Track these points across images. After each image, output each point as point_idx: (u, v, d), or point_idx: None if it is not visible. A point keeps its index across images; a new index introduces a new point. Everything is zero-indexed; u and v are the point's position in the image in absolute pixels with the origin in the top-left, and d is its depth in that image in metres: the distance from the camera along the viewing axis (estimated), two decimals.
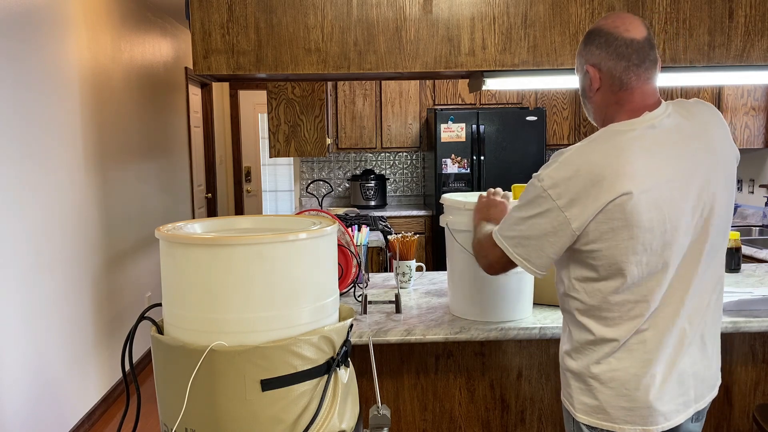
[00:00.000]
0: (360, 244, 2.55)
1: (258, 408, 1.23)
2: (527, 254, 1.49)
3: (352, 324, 1.39)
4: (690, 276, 1.48)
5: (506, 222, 1.55)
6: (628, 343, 1.47)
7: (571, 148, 1.45)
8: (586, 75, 1.51)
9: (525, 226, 1.48)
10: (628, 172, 1.38)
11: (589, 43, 1.49)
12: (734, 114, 4.45)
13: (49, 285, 3.21)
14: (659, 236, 1.41)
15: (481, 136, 5.05)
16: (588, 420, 1.52)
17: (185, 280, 1.26)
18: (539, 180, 1.45)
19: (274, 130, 4.65)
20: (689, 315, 1.50)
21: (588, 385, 1.51)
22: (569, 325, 1.57)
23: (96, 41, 3.86)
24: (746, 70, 2.22)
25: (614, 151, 1.40)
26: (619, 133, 1.44)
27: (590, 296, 1.48)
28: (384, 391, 2.18)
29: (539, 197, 1.45)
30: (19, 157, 2.97)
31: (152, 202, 4.89)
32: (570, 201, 1.40)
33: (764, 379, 2.25)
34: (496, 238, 1.55)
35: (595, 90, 1.50)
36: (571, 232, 1.42)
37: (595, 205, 1.39)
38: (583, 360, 1.51)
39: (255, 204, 8.10)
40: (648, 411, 1.48)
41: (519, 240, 1.50)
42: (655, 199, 1.39)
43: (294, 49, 2.11)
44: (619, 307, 1.45)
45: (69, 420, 3.40)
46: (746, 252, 3.58)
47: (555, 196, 1.42)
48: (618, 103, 1.48)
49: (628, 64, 1.44)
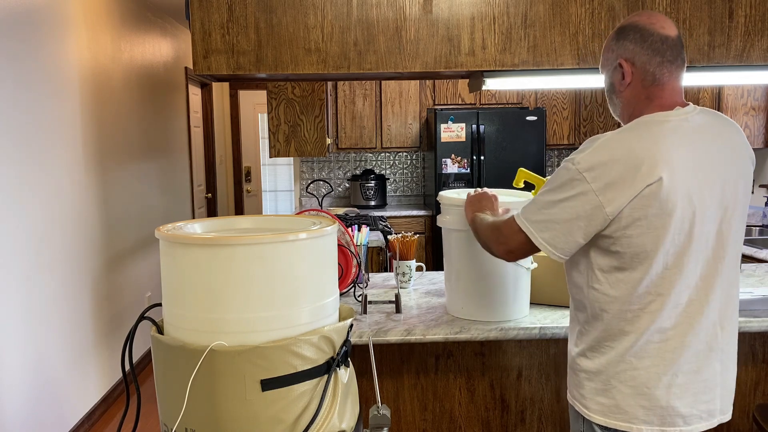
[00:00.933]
0: (360, 244, 2.55)
1: (258, 408, 1.23)
2: (553, 238, 1.47)
3: (352, 324, 1.39)
4: (714, 274, 1.48)
5: (532, 206, 1.52)
6: (649, 341, 1.46)
7: (608, 134, 1.46)
8: (617, 69, 1.52)
9: (556, 209, 1.46)
10: (664, 159, 1.39)
11: (623, 38, 1.49)
12: (734, 114, 4.45)
13: (49, 285, 3.21)
14: (687, 228, 1.42)
15: (481, 136, 5.05)
16: (604, 421, 1.50)
17: (185, 280, 1.26)
18: (574, 163, 1.44)
19: (274, 130, 4.65)
20: (720, 317, 1.49)
21: (606, 385, 1.49)
22: (583, 324, 1.55)
23: (96, 41, 3.86)
24: (746, 70, 2.22)
25: (651, 138, 1.42)
26: (655, 122, 1.45)
27: (613, 287, 1.47)
28: (384, 391, 2.18)
29: (574, 180, 1.43)
30: (19, 157, 2.97)
31: (152, 202, 4.89)
32: (606, 185, 1.40)
33: (764, 379, 2.25)
34: (521, 223, 1.52)
35: (627, 85, 1.51)
36: (604, 216, 1.42)
37: (631, 191, 1.39)
38: (601, 359, 1.50)
39: (255, 204, 8.10)
40: (667, 411, 1.46)
41: (547, 224, 1.48)
42: (688, 190, 1.41)
43: (294, 49, 2.11)
44: (640, 299, 1.45)
45: (69, 420, 3.40)
46: (746, 252, 3.58)
47: (591, 179, 1.41)
48: (648, 98, 1.49)
49: (662, 59, 1.46)
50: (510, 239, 1.56)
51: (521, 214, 1.54)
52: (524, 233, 1.52)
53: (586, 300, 1.53)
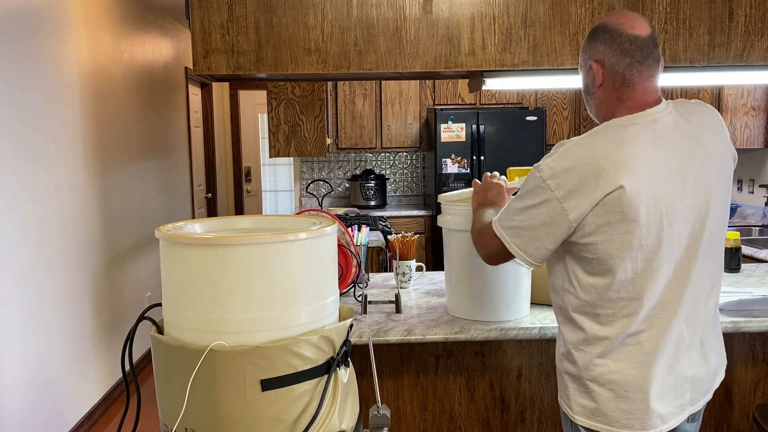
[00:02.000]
0: (360, 244, 2.55)
1: (258, 408, 1.23)
2: (524, 245, 1.49)
3: (352, 324, 1.39)
4: (686, 276, 1.47)
5: (505, 212, 1.55)
6: (625, 344, 1.46)
7: (572, 140, 1.45)
8: (589, 71, 1.52)
9: (523, 216, 1.48)
10: (627, 165, 1.38)
11: (594, 39, 1.49)
12: (734, 114, 4.45)
13: (49, 285, 3.21)
14: (655, 232, 1.41)
15: (481, 136, 5.05)
16: (587, 423, 1.51)
17: (185, 280, 1.26)
18: (538, 171, 1.45)
19: (274, 130, 4.65)
20: (687, 316, 1.49)
21: (586, 387, 1.50)
22: (561, 326, 1.56)
23: (96, 41, 3.86)
24: (746, 70, 2.22)
25: (614, 144, 1.41)
26: (620, 127, 1.44)
27: (585, 292, 1.47)
28: (384, 391, 2.18)
29: (538, 187, 1.45)
30: (19, 157, 2.97)
31: (152, 202, 4.89)
32: (568, 192, 1.40)
33: (764, 379, 2.25)
34: (496, 229, 1.55)
35: (598, 86, 1.51)
36: (568, 223, 1.42)
37: (592, 197, 1.39)
38: (580, 362, 1.50)
39: (255, 204, 8.10)
40: (646, 414, 1.47)
41: (517, 230, 1.50)
42: (653, 195, 1.39)
43: (294, 49, 2.11)
44: (612, 304, 1.45)
45: (69, 420, 3.40)
46: (746, 252, 3.58)
47: (554, 186, 1.42)
48: (619, 99, 1.48)
49: (632, 60, 1.45)
50: (488, 244, 1.59)
51: (497, 220, 1.56)
52: (499, 239, 1.54)
53: (563, 303, 1.54)
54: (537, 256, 1.50)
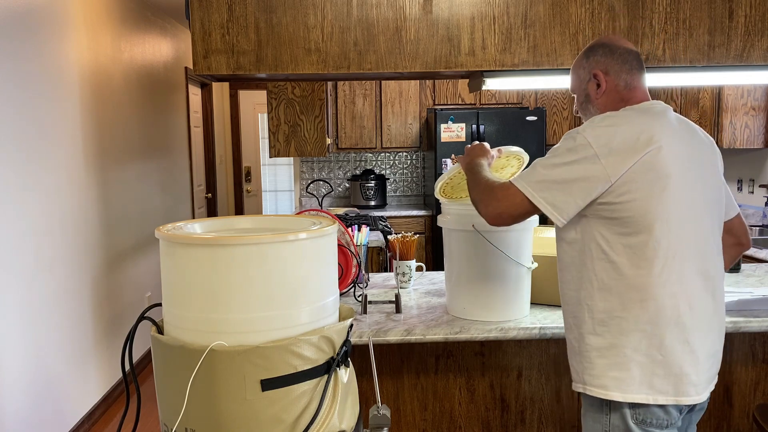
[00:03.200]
0: (360, 244, 2.55)
1: (258, 408, 1.23)
2: (553, 198, 1.53)
3: (352, 324, 1.39)
4: (708, 251, 1.58)
5: (531, 170, 1.58)
6: (663, 307, 1.50)
7: (602, 115, 1.59)
8: (591, 81, 1.67)
9: (558, 170, 1.53)
10: (661, 130, 1.53)
11: (593, 54, 1.67)
12: (734, 114, 4.44)
13: (49, 285, 3.21)
14: (683, 194, 1.53)
15: (481, 136, 5.05)
16: (622, 396, 1.52)
17: (185, 280, 1.26)
18: (578, 132, 1.54)
19: (274, 130, 4.65)
20: (714, 289, 1.58)
21: (621, 357, 1.52)
22: (587, 302, 1.57)
23: (96, 41, 3.86)
24: (746, 70, 2.22)
25: (646, 116, 1.57)
26: (645, 107, 1.61)
27: (619, 254, 1.52)
28: (384, 391, 2.18)
29: (579, 146, 1.52)
30: (20, 157, 2.97)
31: (152, 202, 4.89)
32: (609, 151, 1.50)
33: (764, 379, 2.25)
34: (518, 184, 1.57)
35: (602, 92, 1.66)
36: (606, 180, 1.49)
37: (633, 157, 1.49)
38: (613, 330, 1.53)
39: (255, 204, 8.10)
40: (680, 379, 1.51)
41: (546, 184, 1.53)
42: (681, 160, 1.54)
43: (294, 49, 2.11)
44: (648, 264, 1.50)
45: (69, 420, 3.40)
46: (746, 252, 3.58)
47: (596, 145, 1.50)
48: (623, 101, 1.64)
49: (630, 67, 1.65)
50: (503, 201, 1.60)
51: (519, 178, 1.59)
52: (522, 194, 1.56)
53: (591, 273, 1.56)
54: (565, 211, 1.53)
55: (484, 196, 1.66)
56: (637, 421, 1.52)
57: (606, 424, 1.55)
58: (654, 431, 1.52)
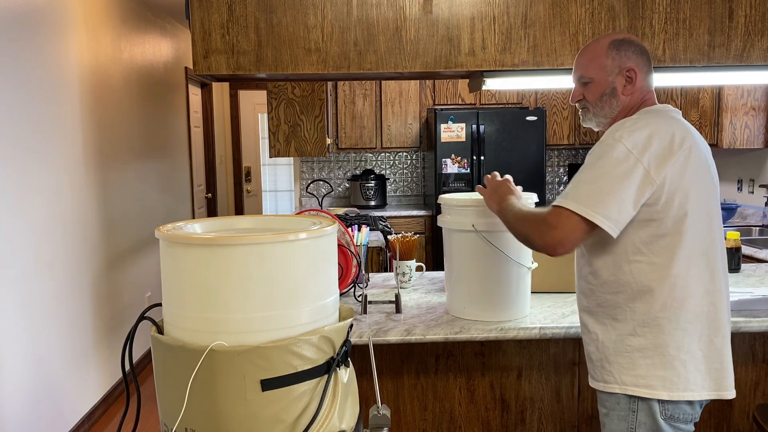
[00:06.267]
0: (360, 244, 2.55)
1: (258, 408, 1.23)
2: (608, 211, 1.51)
3: (352, 324, 1.39)
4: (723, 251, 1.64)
5: (575, 187, 1.55)
6: (699, 307, 1.55)
7: (628, 120, 1.60)
8: (621, 75, 1.66)
9: (605, 182, 1.51)
10: (686, 133, 1.58)
11: (625, 50, 1.66)
12: (734, 114, 4.44)
13: (49, 285, 3.21)
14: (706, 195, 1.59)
15: (481, 136, 5.05)
16: (668, 395, 1.54)
17: (185, 280, 1.26)
18: (616, 139, 1.54)
19: (274, 130, 4.65)
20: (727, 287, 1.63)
21: (666, 356, 1.54)
22: (625, 305, 1.58)
23: (96, 41, 3.86)
24: (746, 70, 2.22)
25: (670, 119, 1.61)
26: (662, 110, 1.65)
27: (657, 255, 1.54)
28: (384, 391, 2.18)
29: (620, 153, 1.52)
30: (20, 157, 2.97)
31: (152, 202, 4.89)
32: (651, 155, 1.52)
33: (764, 379, 2.25)
34: (568, 205, 1.52)
35: (630, 90, 1.66)
36: (652, 183, 1.51)
37: (671, 158, 1.53)
38: (656, 330, 1.55)
39: (255, 204, 8.10)
40: (722, 374, 1.56)
41: (598, 198, 1.51)
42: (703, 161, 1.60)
43: (294, 49, 2.11)
44: (685, 263, 1.53)
45: (69, 420, 3.40)
46: (746, 252, 3.58)
47: (637, 151, 1.52)
48: (642, 101, 1.68)
49: (649, 69, 1.70)
50: (560, 227, 1.53)
51: (565, 199, 1.54)
52: (576, 215, 1.51)
53: (629, 277, 1.57)
54: (620, 222, 1.52)
55: (535, 228, 1.59)
56: (666, 416, 1.55)
57: (633, 422, 1.57)
58: (681, 426, 1.56)
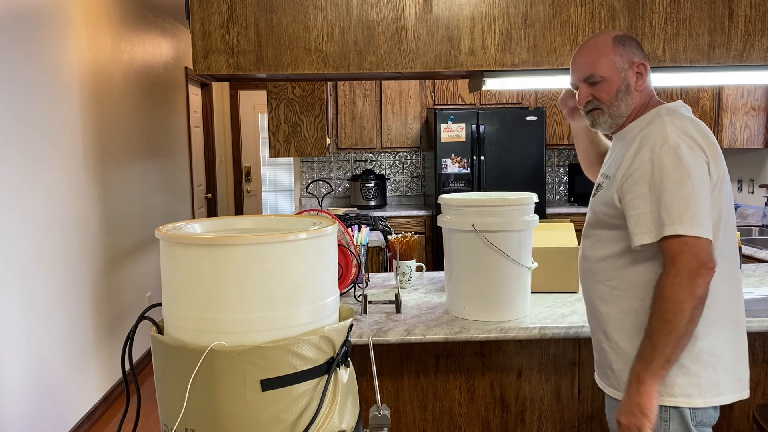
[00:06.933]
0: (360, 244, 2.55)
1: (258, 408, 1.23)
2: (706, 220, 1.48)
3: (352, 324, 1.39)
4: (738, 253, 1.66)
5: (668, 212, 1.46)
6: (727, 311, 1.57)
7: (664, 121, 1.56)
8: (631, 70, 1.63)
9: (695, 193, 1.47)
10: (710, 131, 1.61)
11: (630, 45, 1.64)
12: (734, 114, 4.44)
13: (49, 285, 3.21)
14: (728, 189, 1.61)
15: (481, 136, 5.05)
16: (703, 401, 1.54)
17: (185, 280, 1.26)
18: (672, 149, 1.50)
19: (274, 130, 4.65)
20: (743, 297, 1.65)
21: (699, 363, 1.54)
22: None
23: (96, 41, 3.86)
24: (746, 70, 2.22)
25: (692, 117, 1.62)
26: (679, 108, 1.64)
27: None
28: (384, 391, 2.18)
29: (690, 159, 1.49)
30: (19, 156, 2.97)
31: (152, 202, 4.89)
32: (707, 155, 1.53)
33: (764, 379, 2.25)
34: (686, 232, 1.45)
35: (642, 84, 1.65)
36: (710, 182, 1.53)
37: (714, 156, 1.54)
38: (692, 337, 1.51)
39: (255, 204, 8.10)
40: (743, 374, 1.60)
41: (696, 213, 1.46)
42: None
43: (294, 49, 2.11)
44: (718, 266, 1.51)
45: (69, 420, 3.40)
46: (746, 252, 3.58)
47: (698, 154, 1.52)
48: (650, 96, 1.68)
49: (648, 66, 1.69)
50: (696, 258, 1.44)
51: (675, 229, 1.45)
52: (697, 238, 1.45)
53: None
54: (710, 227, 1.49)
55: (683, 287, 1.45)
56: (696, 422, 1.55)
57: (666, 431, 1.56)
58: (706, 430, 1.58)
